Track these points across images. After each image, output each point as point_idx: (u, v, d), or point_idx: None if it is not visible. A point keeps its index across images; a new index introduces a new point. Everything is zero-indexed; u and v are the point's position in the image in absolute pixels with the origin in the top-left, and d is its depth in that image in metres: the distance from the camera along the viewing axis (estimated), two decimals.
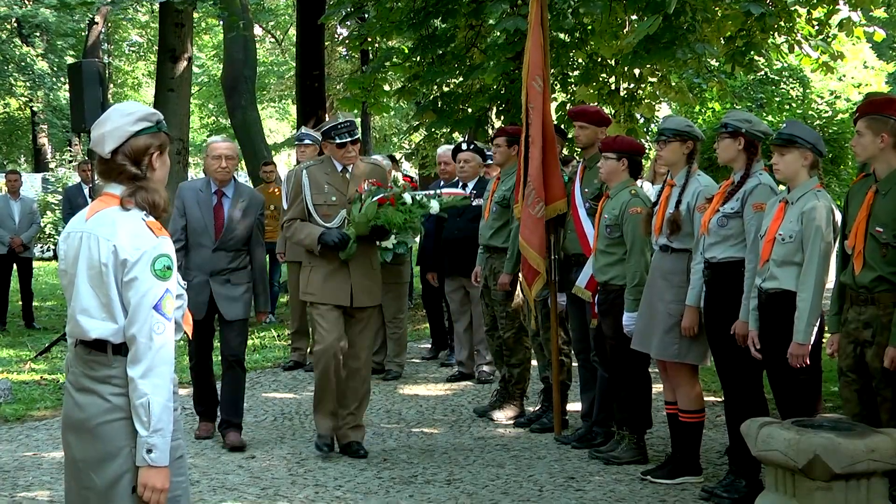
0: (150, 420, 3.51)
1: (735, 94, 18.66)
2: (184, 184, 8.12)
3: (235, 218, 7.68)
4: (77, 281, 3.65)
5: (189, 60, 14.62)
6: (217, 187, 7.72)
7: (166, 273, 3.57)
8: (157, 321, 3.54)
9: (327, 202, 7.32)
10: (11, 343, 12.82)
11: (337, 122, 7.33)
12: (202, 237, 7.63)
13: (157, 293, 3.55)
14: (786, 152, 5.86)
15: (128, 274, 3.55)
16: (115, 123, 3.66)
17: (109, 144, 3.65)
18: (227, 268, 7.66)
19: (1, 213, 14.13)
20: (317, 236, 7.21)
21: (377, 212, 7.09)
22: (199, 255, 7.64)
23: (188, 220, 7.65)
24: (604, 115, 8.03)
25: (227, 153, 7.71)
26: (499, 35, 12.47)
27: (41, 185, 31.74)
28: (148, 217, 3.64)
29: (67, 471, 3.79)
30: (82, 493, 3.68)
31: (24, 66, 41.74)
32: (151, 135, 3.69)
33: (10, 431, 8.27)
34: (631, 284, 6.92)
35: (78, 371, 3.68)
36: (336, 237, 7.17)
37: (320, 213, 7.30)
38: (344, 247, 7.17)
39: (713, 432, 7.76)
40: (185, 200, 7.70)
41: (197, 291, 7.48)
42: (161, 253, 3.58)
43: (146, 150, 3.67)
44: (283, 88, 41.44)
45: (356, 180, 7.34)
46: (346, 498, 6.43)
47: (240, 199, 7.75)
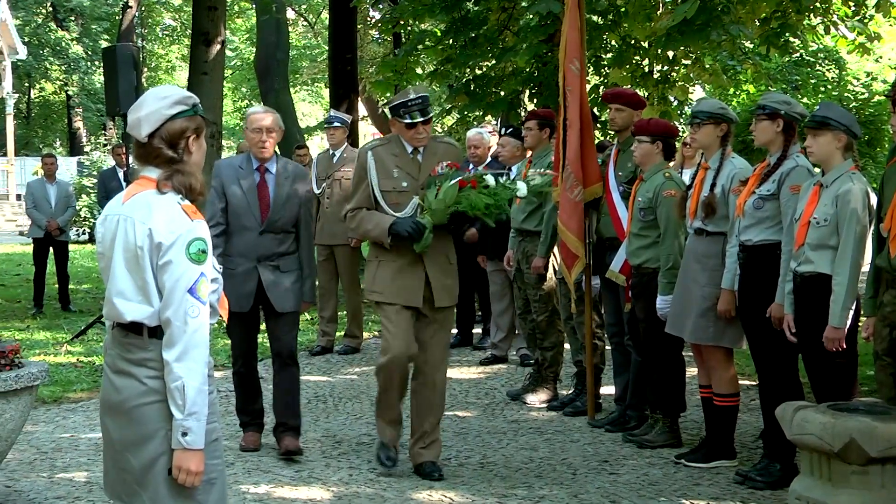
0: (185, 403, 3.53)
1: (770, 77, 18.51)
2: (221, 162, 7.31)
3: (282, 196, 6.92)
4: (113, 264, 3.66)
5: (222, 44, 14.63)
6: (259, 163, 6.96)
7: (201, 257, 3.58)
8: (191, 304, 3.54)
9: (397, 188, 6.42)
10: (48, 326, 12.93)
11: (407, 97, 6.39)
12: (246, 219, 6.85)
13: (192, 277, 3.55)
14: (819, 135, 5.81)
15: (163, 257, 3.56)
16: (152, 107, 3.66)
17: (146, 128, 3.66)
18: (275, 252, 6.89)
19: (37, 197, 14.24)
20: (387, 226, 6.32)
21: (458, 196, 6.23)
22: (244, 240, 6.87)
23: (229, 201, 6.87)
24: (640, 98, 8.01)
25: (268, 125, 6.89)
26: (531, 17, 12.41)
27: (76, 168, 31.99)
28: (184, 201, 3.64)
29: (105, 452, 3.82)
30: (120, 475, 3.71)
31: (59, 51, 42.08)
32: (188, 118, 3.69)
33: (48, 413, 8.34)
34: (665, 267, 6.90)
35: (115, 353, 3.70)
36: (410, 226, 6.26)
37: (389, 202, 6.40)
38: (419, 237, 6.27)
39: (748, 416, 7.74)
40: (223, 180, 6.93)
41: (242, 280, 6.82)
42: (196, 236, 3.58)
43: (182, 134, 3.68)
44: (315, 72, 41.44)
45: (429, 163, 6.47)
46: (380, 480, 6.45)
47: (285, 174, 6.99)
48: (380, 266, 6.50)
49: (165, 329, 3.57)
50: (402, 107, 6.37)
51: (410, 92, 6.44)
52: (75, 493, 6.18)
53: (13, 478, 6.49)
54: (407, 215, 6.36)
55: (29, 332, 12.27)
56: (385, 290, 6.44)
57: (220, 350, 10.66)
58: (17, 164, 35.49)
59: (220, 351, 10.62)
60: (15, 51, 34.69)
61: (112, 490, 3.78)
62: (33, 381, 5.58)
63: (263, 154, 6.95)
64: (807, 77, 21.93)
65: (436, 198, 6.25)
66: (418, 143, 6.45)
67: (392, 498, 6.07)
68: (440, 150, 6.56)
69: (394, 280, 6.42)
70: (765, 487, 6.15)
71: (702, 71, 13.13)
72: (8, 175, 34.76)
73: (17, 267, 20.67)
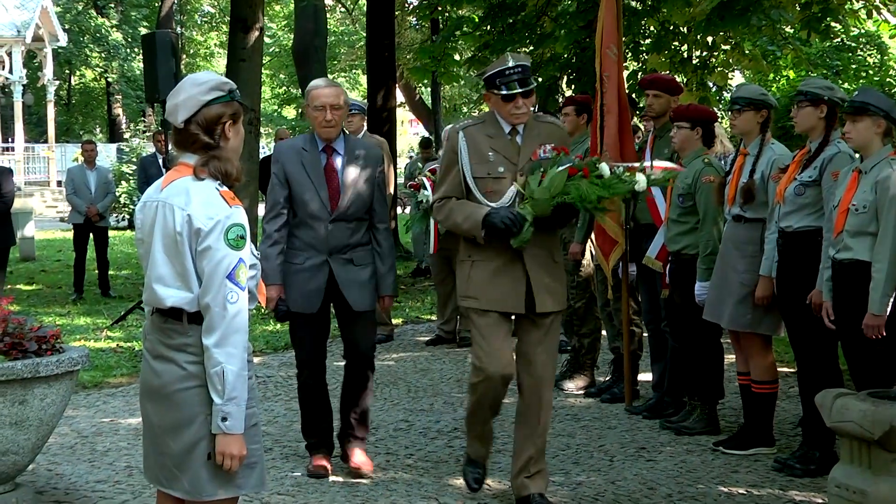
0: (225, 388, 3.55)
1: (810, 62, 18.33)
2: (281, 144, 6.53)
3: (353, 179, 6.15)
4: (153, 250, 3.69)
5: (260, 30, 14.65)
6: (324, 144, 6.19)
7: (240, 242, 3.59)
8: (230, 290, 3.56)
9: (492, 174, 5.48)
10: (88, 311, 13.04)
11: (505, 64, 5.44)
12: (314, 207, 6.07)
13: (231, 262, 3.57)
14: (858, 120, 5.75)
15: (202, 243, 3.58)
16: (188, 93, 3.68)
17: (182, 114, 3.68)
18: (348, 244, 6.12)
19: (77, 183, 14.35)
20: (480, 218, 5.37)
21: (566, 185, 5.33)
22: (312, 231, 6.10)
23: (292, 187, 6.09)
24: (677, 84, 7.97)
25: (332, 101, 6.08)
26: (570, 3, 12.39)
27: (116, 155, 32.22)
28: (222, 186, 3.66)
29: (145, 436, 3.86)
30: (159, 459, 3.74)
31: (99, 38, 42.33)
32: (224, 104, 3.70)
33: (88, 398, 8.42)
34: (703, 254, 6.86)
35: (154, 339, 3.74)
36: (507, 217, 5.30)
37: (483, 189, 5.47)
38: (518, 230, 5.31)
39: (786, 403, 7.70)
40: (285, 165, 6.15)
41: (310, 277, 6.10)
42: (234, 222, 3.59)
43: (218, 120, 3.69)
44: (353, 58, 41.53)
45: (529, 145, 5.52)
46: (418, 467, 6.47)
47: (355, 154, 6.23)
48: (473, 266, 5.56)
49: (205, 314, 3.59)
50: (498, 76, 5.42)
51: (509, 59, 5.47)
52: (115, 478, 6.23)
53: (55, 462, 6.56)
54: (504, 205, 5.41)
55: (69, 318, 12.39)
56: (480, 295, 5.50)
57: (259, 336, 10.73)
58: (57, 150, 35.78)
59: (259, 337, 10.69)
60: (56, 38, 34.94)
61: (152, 474, 3.82)
62: (74, 366, 5.63)
63: (329, 134, 6.15)
64: (848, 62, 21.70)
65: (539, 185, 5.33)
66: (517, 120, 5.48)
67: (429, 484, 6.09)
68: (543, 130, 5.61)
69: (491, 282, 5.48)
70: (804, 475, 6.12)
71: (741, 56, 13.04)
72: (48, 161, 35.05)
73: (57, 253, 20.85)
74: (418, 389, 8.68)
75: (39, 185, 34.32)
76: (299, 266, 6.11)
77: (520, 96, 5.40)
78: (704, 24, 11.05)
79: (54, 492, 5.96)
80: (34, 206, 26.28)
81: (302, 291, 6.11)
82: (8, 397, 5.34)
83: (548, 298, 5.53)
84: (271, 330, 11.42)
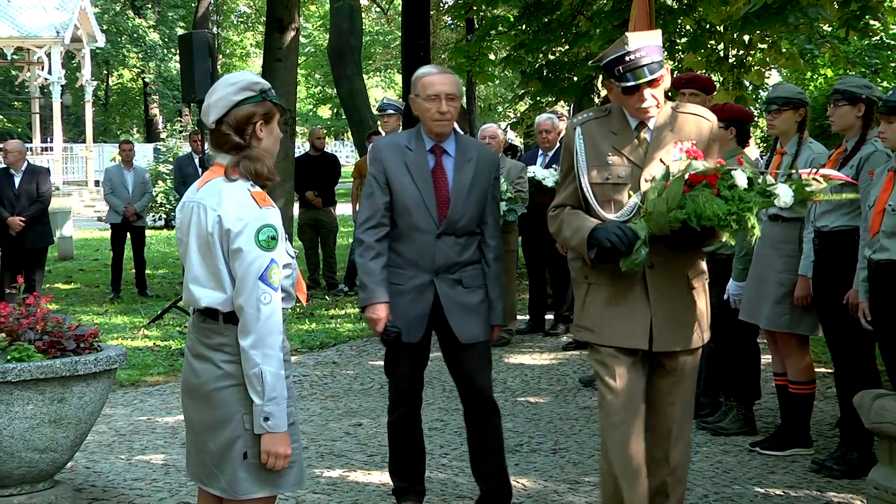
0: (265, 389, 3.56)
1: (848, 60, 18.21)
2: (380, 141, 5.46)
3: (465, 185, 5.15)
4: (189, 250, 3.72)
5: (296, 30, 14.71)
6: (433, 142, 5.19)
7: (271, 244, 3.60)
8: (263, 291, 3.57)
9: (611, 179, 4.50)
10: (125, 310, 13.12)
11: (623, 49, 4.39)
12: (419, 218, 5.11)
13: (263, 264, 3.58)
14: (893, 120, 5.70)
15: (233, 244, 3.59)
16: (220, 94, 3.70)
17: (214, 114, 3.70)
18: (457, 262, 5.15)
19: (115, 183, 14.45)
20: (587, 234, 4.43)
21: (684, 198, 4.24)
22: (416, 245, 5.15)
23: (395, 192, 5.13)
24: (712, 83, 7.93)
25: (448, 90, 5.09)
26: (605, 2, 12.35)
27: (153, 154, 32.41)
28: (254, 187, 3.67)
29: (187, 434, 3.90)
30: (199, 457, 3.78)
31: (137, 38, 42.65)
32: (256, 104, 3.70)
33: (125, 396, 8.48)
34: (739, 254, 6.83)
35: (194, 337, 3.77)
36: (614, 234, 4.32)
37: (601, 199, 4.50)
38: (628, 250, 4.32)
39: (824, 404, 7.65)
40: (386, 165, 5.17)
41: (414, 299, 5.15)
42: (265, 223, 3.60)
43: (249, 120, 3.69)
44: (388, 58, 41.64)
45: (661, 144, 4.51)
46: (453, 466, 6.47)
47: (466, 157, 5.21)
48: (590, 291, 4.65)
49: (239, 316, 3.61)
50: (617, 62, 4.41)
51: (628, 40, 4.41)
52: (152, 475, 6.27)
53: (93, 459, 6.61)
54: (622, 218, 4.44)
55: (107, 317, 12.47)
56: (596, 327, 4.59)
57: (294, 335, 10.76)
58: (95, 150, 36.00)
59: (294, 336, 10.72)
60: (94, 39, 35.16)
61: (193, 471, 3.86)
62: (112, 365, 5.67)
63: (444, 129, 5.13)
64: (887, 60, 21.54)
65: (658, 196, 4.32)
66: (644, 115, 4.49)
67: (464, 483, 6.09)
68: (681, 124, 4.55)
69: (607, 312, 4.55)
70: (842, 476, 6.09)
71: (778, 55, 12.95)
72: (86, 161, 35.28)
73: (95, 252, 20.99)
74: (453, 388, 8.57)
75: (77, 185, 34.56)
76: (400, 287, 5.17)
77: (645, 86, 4.38)
78: (741, 23, 10.97)
79: (92, 489, 6.01)
80: (72, 206, 26.49)
81: (404, 317, 5.16)
82: (47, 395, 5.39)
83: (671, 334, 4.51)
84: (307, 329, 11.46)
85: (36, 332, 5.56)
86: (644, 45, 4.37)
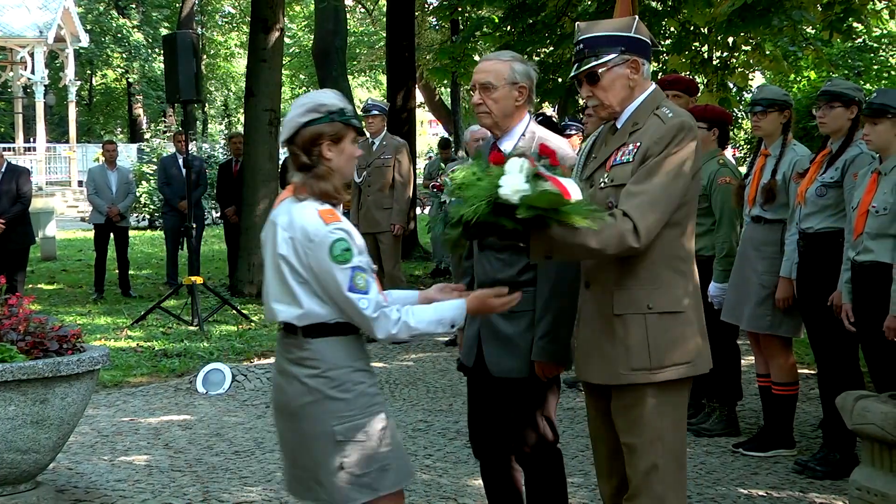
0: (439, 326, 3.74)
1: (832, 63, 18.27)
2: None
3: None
4: (265, 266, 3.81)
5: (281, 31, 14.68)
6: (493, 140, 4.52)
7: (346, 255, 3.62)
8: (359, 299, 3.62)
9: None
10: (108, 311, 13.08)
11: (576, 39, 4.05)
12: None
13: (345, 276, 3.62)
14: (878, 122, 5.71)
15: (312, 265, 3.64)
16: (291, 115, 3.77)
17: (284, 134, 3.79)
18: (497, 280, 4.28)
19: (98, 183, 14.42)
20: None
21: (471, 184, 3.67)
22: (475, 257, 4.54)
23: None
24: (696, 84, 7.95)
25: (480, 79, 4.39)
26: (590, 3, 12.37)
27: (136, 155, 32.35)
28: (323, 205, 3.71)
29: (281, 451, 3.96)
30: (295, 472, 3.83)
31: (121, 38, 42.55)
32: (324, 124, 3.73)
33: (108, 397, 8.45)
34: (720, 255, 6.84)
35: (279, 354, 3.85)
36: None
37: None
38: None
39: (806, 405, 7.67)
40: None
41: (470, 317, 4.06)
42: (335, 238, 3.63)
43: (314, 141, 3.73)
44: (373, 58, 41.56)
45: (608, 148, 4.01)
46: (436, 467, 6.47)
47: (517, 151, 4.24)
48: None
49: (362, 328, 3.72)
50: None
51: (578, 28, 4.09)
52: (135, 476, 6.25)
53: (75, 460, 6.59)
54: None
55: (90, 317, 12.43)
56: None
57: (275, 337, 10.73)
58: (78, 150, 35.94)
59: (275, 338, 10.69)
60: (77, 38, 35.10)
61: (290, 486, 3.91)
62: (94, 366, 5.65)
63: (483, 121, 4.49)
64: (870, 63, 21.61)
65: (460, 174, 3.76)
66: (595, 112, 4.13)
67: (448, 484, 6.09)
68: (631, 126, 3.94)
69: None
70: (824, 477, 6.10)
71: (762, 57, 13.00)
72: (69, 161, 35.21)
73: (78, 252, 20.93)
74: (437, 390, 8.68)
75: (61, 185, 34.47)
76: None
77: (585, 81, 3.99)
78: (725, 25, 11.02)
79: (74, 490, 5.98)
80: (55, 206, 26.40)
81: (465, 336, 4.61)
82: (29, 396, 5.36)
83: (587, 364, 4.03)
84: None
85: (18, 332, 5.54)
86: (586, 35, 4.01)
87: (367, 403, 3.71)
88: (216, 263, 18.61)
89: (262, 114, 14.17)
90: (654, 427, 3.89)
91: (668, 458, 3.95)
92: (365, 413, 3.70)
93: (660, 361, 3.84)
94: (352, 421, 3.67)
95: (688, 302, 3.90)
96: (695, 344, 3.92)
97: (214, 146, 30.76)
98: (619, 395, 3.92)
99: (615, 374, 3.88)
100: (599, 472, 4.24)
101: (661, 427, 3.91)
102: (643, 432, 3.89)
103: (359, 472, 3.68)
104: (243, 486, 6.07)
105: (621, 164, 3.85)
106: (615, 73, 3.90)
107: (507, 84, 4.37)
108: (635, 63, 3.90)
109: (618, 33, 3.93)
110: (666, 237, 3.80)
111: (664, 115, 3.85)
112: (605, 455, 4.15)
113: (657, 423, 3.90)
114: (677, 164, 3.76)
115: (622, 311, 3.86)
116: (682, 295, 3.88)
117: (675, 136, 3.77)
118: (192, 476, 6.26)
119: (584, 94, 4.00)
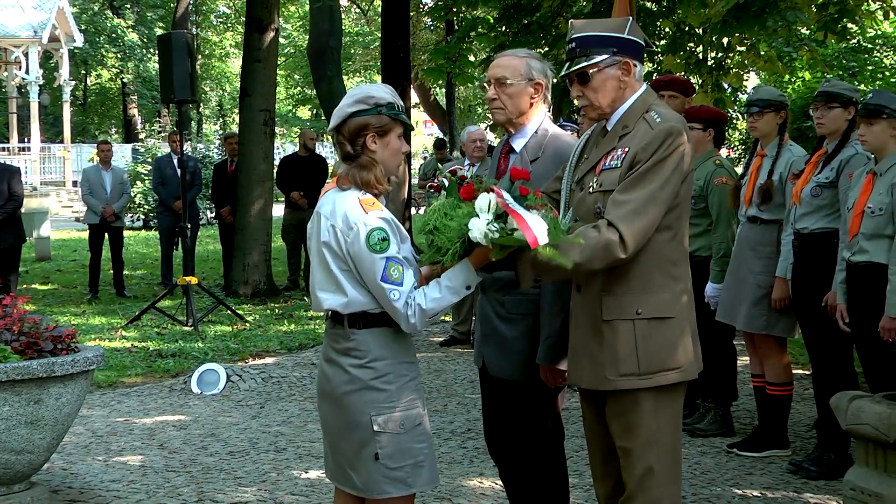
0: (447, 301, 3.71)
1: (826, 63, 18.29)
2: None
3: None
4: (312, 255, 3.86)
5: (276, 31, 14.69)
6: (507, 137, 4.51)
7: (383, 245, 3.67)
8: (390, 290, 3.66)
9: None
10: (103, 311, 13.07)
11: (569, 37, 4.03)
12: None
13: (380, 266, 3.67)
14: (873, 122, 5.72)
15: (350, 253, 3.69)
16: (341, 104, 3.83)
17: (332, 123, 3.84)
18: (500, 280, 4.27)
19: (93, 183, 14.41)
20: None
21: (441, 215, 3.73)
22: None
23: None
24: (691, 84, 7.96)
25: (496, 73, 4.35)
26: (585, 4, 12.36)
27: (131, 155, 32.30)
28: (364, 195, 3.76)
29: (324, 437, 4.00)
30: (335, 458, 3.89)
31: (115, 38, 42.51)
32: (370, 116, 3.79)
33: (103, 397, 8.44)
34: (717, 256, 6.85)
35: (326, 343, 3.90)
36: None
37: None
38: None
39: (801, 405, 7.68)
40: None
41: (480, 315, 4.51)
42: (372, 227, 3.67)
43: (360, 131, 3.79)
44: (368, 59, 41.61)
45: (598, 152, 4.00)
46: None
47: (532, 155, 4.33)
48: None
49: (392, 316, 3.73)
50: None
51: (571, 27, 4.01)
52: (130, 477, 6.25)
53: (70, 461, 6.58)
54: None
55: (84, 318, 12.42)
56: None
57: (273, 336, 10.71)
58: (73, 150, 35.86)
59: (273, 337, 10.67)
60: (72, 38, 35.02)
61: (331, 472, 3.97)
62: (89, 366, 5.64)
63: (495, 117, 4.43)
64: (864, 63, 21.63)
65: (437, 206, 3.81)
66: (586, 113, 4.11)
67: (443, 485, 6.08)
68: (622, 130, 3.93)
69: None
70: (818, 477, 6.11)
71: (757, 58, 13.00)
72: (64, 162, 35.13)
73: (73, 253, 20.91)
74: (432, 390, 8.68)
75: (55, 186, 34.41)
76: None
77: (576, 81, 3.96)
78: (720, 26, 11.02)
79: (69, 491, 5.98)
80: (50, 206, 26.38)
81: (476, 336, 4.65)
82: (23, 396, 5.35)
83: (578, 367, 4.03)
84: (285, 330, 11.43)
85: (13, 332, 5.53)
86: (578, 34, 3.95)
87: (407, 397, 3.77)
88: (211, 264, 18.60)
89: (257, 114, 14.19)
90: (650, 431, 3.90)
91: (663, 461, 3.95)
92: (405, 407, 3.76)
93: (649, 367, 3.84)
94: (391, 412, 3.73)
95: (678, 306, 3.89)
96: (684, 349, 3.91)
97: (209, 146, 30.72)
98: (614, 399, 3.93)
99: (603, 379, 3.89)
100: (595, 473, 4.27)
101: (656, 431, 3.92)
102: (638, 436, 3.90)
103: (392, 464, 3.73)
104: (238, 486, 6.07)
105: (610, 170, 3.86)
106: (606, 75, 3.90)
107: (522, 80, 4.33)
108: (627, 65, 3.90)
109: (610, 34, 3.92)
110: (657, 241, 3.81)
111: (652, 121, 3.83)
112: (601, 457, 4.17)
113: (652, 427, 3.91)
114: (665, 171, 3.75)
115: (611, 317, 3.86)
116: (672, 299, 3.88)
117: (664, 142, 3.76)
118: (186, 476, 6.26)
119: (574, 93, 3.99)
